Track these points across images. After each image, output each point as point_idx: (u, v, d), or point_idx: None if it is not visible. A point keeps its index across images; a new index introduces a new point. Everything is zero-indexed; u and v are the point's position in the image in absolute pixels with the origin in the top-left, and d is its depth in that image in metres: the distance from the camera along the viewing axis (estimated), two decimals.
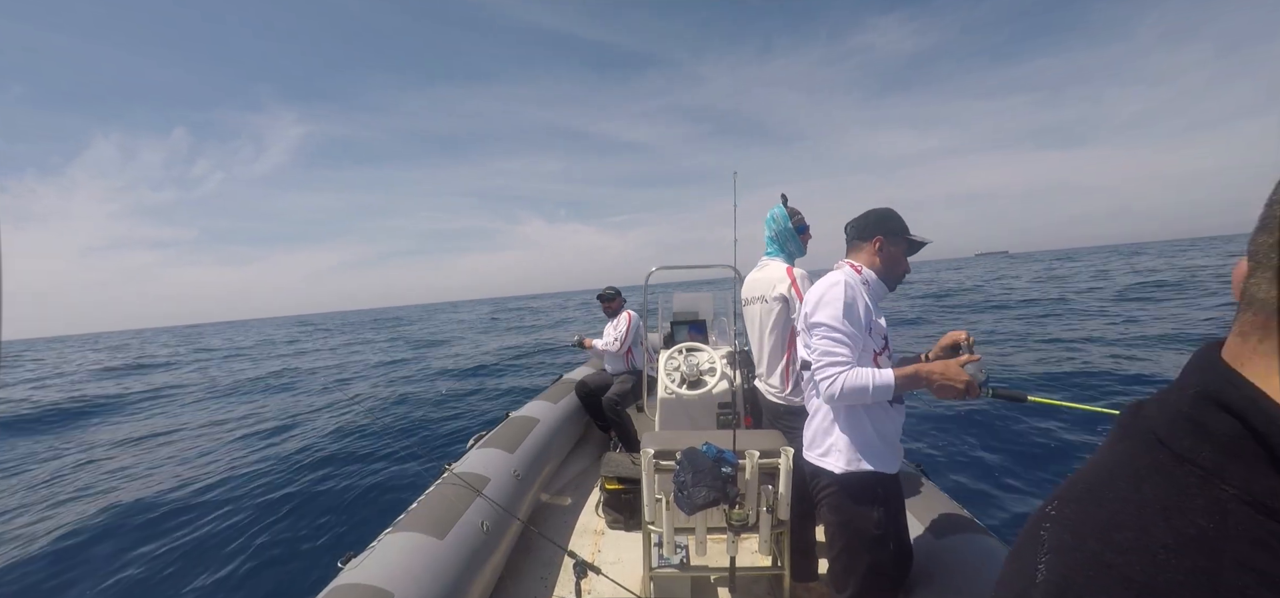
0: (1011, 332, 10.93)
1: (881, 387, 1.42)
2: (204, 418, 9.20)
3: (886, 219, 1.64)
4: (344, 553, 1.95)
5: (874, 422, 1.54)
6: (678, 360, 3.17)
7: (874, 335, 1.56)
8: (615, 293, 4.29)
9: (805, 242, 2.35)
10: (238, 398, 11.29)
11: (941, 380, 1.41)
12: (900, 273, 1.67)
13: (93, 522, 4.42)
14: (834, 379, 1.44)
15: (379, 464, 5.43)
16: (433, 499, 2.33)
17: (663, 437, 2.25)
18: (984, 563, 1.75)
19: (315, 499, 4.69)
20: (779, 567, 2.15)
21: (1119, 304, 13.55)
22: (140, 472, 5.93)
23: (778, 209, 2.31)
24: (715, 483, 1.84)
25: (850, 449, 1.53)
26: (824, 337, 1.48)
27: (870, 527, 1.53)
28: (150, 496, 4.99)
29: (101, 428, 9.25)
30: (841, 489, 1.55)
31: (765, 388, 2.33)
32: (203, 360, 22.40)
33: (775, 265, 2.27)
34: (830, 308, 1.49)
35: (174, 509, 4.66)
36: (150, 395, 12.80)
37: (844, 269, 1.62)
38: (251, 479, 5.25)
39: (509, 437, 3.15)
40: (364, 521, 4.13)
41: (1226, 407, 0.33)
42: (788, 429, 2.24)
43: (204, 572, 3.64)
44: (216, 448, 6.69)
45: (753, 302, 2.34)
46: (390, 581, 1.76)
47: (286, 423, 7.81)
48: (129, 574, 3.68)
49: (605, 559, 2.69)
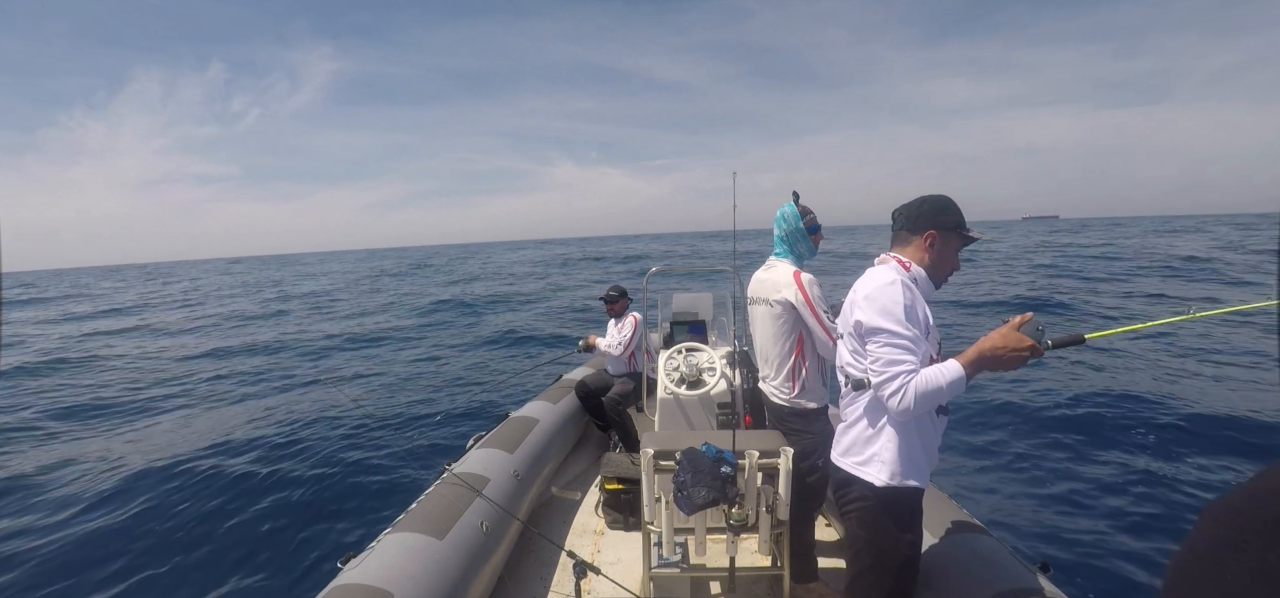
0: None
1: (954, 382, 1.29)
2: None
3: (943, 211, 1.48)
4: (344, 553, 1.95)
5: (922, 434, 1.44)
6: (677, 361, 3.17)
7: (931, 340, 1.42)
8: (620, 293, 4.27)
9: (816, 243, 2.26)
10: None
11: (1006, 351, 1.28)
12: (949, 271, 1.53)
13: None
14: (904, 390, 1.30)
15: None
16: (432, 499, 2.33)
17: (662, 437, 2.25)
18: (984, 564, 1.75)
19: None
20: (778, 567, 2.16)
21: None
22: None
23: (788, 208, 2.23)
24: (715, 483, 1.84)
25: (895, 462, 1.41)
26: (886, 344, 1.34)
27: (903, 548, 1.46)
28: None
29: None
30: (879, 504, 1.45)
31: (769, 390, 2.31)
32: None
33: (783, 267, 2.20)
34: (892, 312, 1.35)
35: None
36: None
37: (891, 265, 1.48)
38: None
39: (508, 437, 3.15)
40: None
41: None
42: (792, 431, 2.23)
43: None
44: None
45: (757, 302, 2.30)
46: (390, 581, 1.77)
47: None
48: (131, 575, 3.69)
49: (605, 559, 2.69)
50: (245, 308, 19.99)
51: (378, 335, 12.76)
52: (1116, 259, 21.32)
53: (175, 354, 11.93)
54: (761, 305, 2.27)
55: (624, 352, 4.05)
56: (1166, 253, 22.36)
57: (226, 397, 8.18)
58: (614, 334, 4.17)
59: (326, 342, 12.28)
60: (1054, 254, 24.75)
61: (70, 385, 9.34)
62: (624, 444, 3.88)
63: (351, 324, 14.62)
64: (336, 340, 12.31)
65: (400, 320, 14.96)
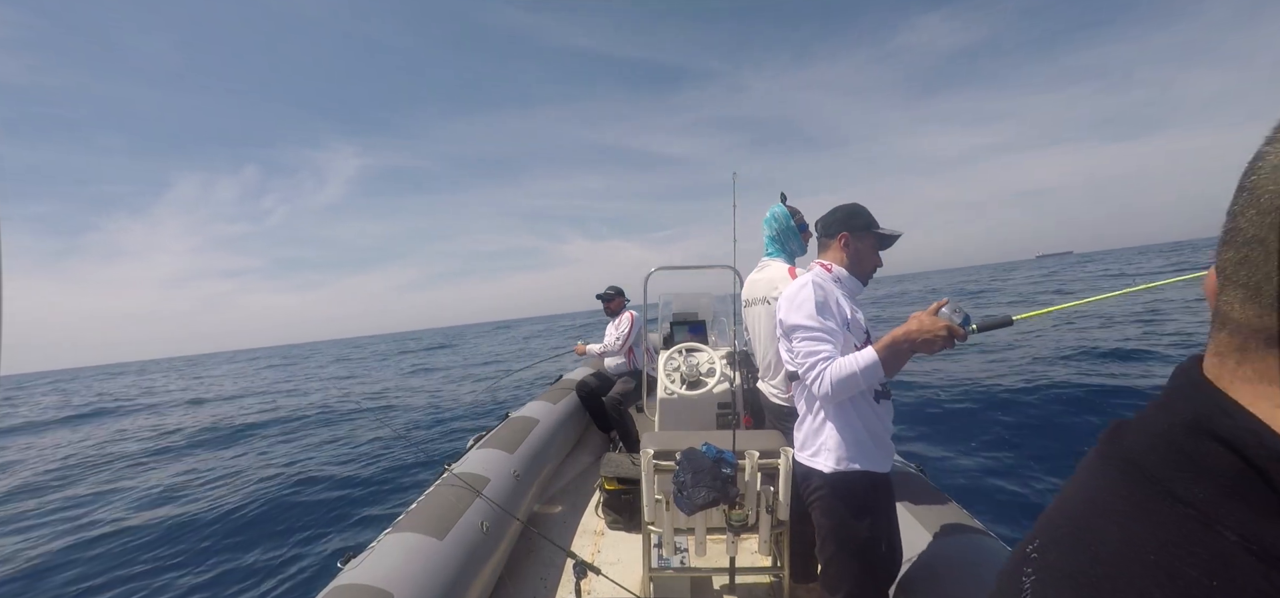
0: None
1: (868, 367, 1.40)
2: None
3: (852, 215, 1.65)
4: (344, 553, 1.95)
5: (863, 419, 1.52)
6: (678, 361, 3.17)
7: (853, 331, 1.55)
8: (617, 293, 4.28)
9: (806, 240, 2.32)
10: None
11: (920, 334, 1.36)
12: (870, 268, 1.68)
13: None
14: (820, 375, 1.44)
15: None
16: (433, 500, 2.33)
17: (663, 437, 2.24)
18: (984, 564, 1.74)
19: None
20: (778, 567, 2.15)
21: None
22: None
23: (778, 208, 2.28)
24: (715, 483, 1.84)
25: (840, 448, 1.52)
26: (803, 338, 1.48)
27: (861, 530, 1.51)
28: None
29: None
30: (831, 491, 1.54)
31: (768, 389, 2.32)
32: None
33: (776, 266, 2.24)
34: (804, 309, 1.50)
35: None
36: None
37: (813, 270, 1.64)
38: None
39: (509, 437, 3.15)
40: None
41: (1222, 439, 0.29)
42: (790, 430, 2.23)
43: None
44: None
45: (754, 303, 2.32)
46: (390, 581, 1.76)
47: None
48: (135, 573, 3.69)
49: (605, 560, 2.69)
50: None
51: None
52: (1120, 277, 21.13)
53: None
54: (758, 305, 2.28)
55: (622, 346, 4.06)
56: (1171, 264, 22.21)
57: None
58: (612, 332, 4.19)
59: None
60: (1057, 286, 24.04)
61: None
62: (624, 444, 3.88)
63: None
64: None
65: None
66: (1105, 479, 0.35)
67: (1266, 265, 0.29)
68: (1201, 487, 0.29)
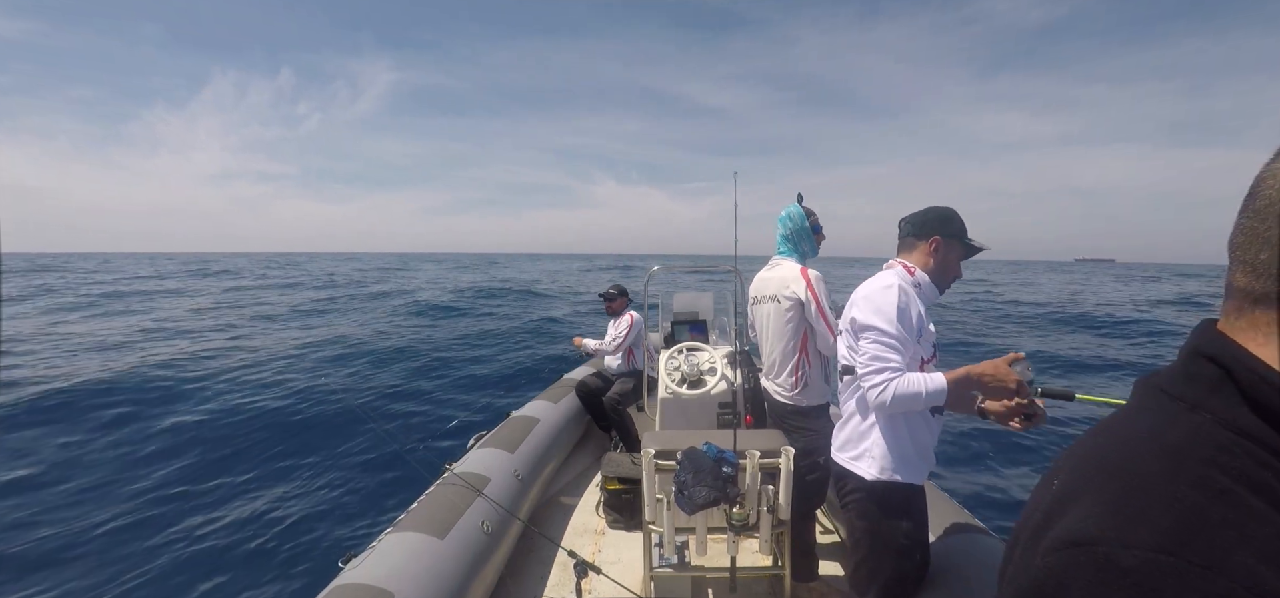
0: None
1: (934, 392, 1.36)
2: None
3: (946, 220, 1.57)
4: (344, 552, 1.95)
5: (912, 431, 1.49)
6: (678, 360, 3.16)
7: (924, 342, 1.49)
8: (620, 292, 4.27)
9: (819, 242, 2.32)
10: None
11: (993, 380, 1.33)
12: (953, 277, 1.61)
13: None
14: (884, 386, 1.39)
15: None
16: (433, 499, 2.33)
17: (663, 437, 2.24)
18: (988, 566, 1.74)
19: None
20: (779, 567, 2.15)
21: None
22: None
23: (794, 208, 2.28)
24: (716, 483, 1.84)
25: (884, 457, 1.48)
26: (875, 341, 1.42)
27: (898, 537, 1.50)
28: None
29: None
30: (869, 497, 1.52)
31: (772, 387, 2.32)
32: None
33: (789, 265, 2.24)
34: (884, 312, 1.43)
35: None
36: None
37: (896, 270, 1.56)
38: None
39: (509, 437, 3.15)
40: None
41: (1213, 360, 0.41)
42: (793, 430, 2.23)
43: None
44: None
45: (763, 300, 2.32)
46: (391, 580, 1.76)
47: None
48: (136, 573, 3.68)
49: (605, 559, 2.69)
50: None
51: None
52: (1159, 306, 18.87)
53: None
54: (768, 303, 2.28)
55: (617, 348, 4.06)
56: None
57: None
58: (610, 332, 4.19)
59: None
60: (1095, 300, 21.19)
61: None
62: (625, 444, 3.88)
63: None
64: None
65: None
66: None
67: (1259, 245, 0.40)
68: (1192, 387, 0.42)
